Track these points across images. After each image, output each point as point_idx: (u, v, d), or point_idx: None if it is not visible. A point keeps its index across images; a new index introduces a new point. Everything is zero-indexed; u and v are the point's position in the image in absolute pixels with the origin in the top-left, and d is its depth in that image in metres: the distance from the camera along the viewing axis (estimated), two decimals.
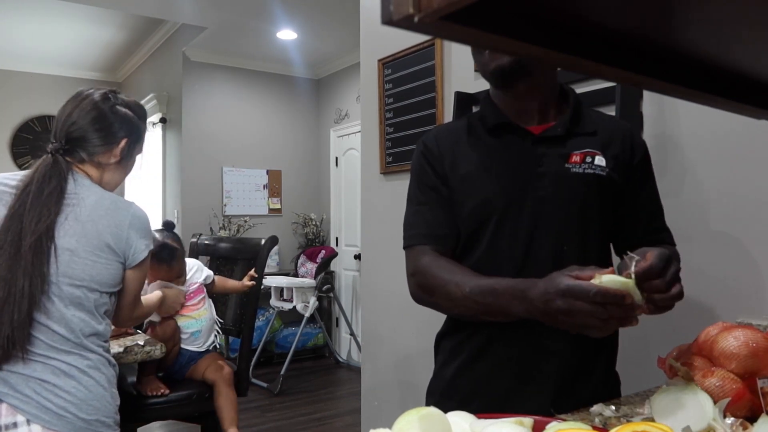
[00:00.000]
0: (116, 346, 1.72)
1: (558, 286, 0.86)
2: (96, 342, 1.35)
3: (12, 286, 1.22)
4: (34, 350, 1.26)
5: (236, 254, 2.62)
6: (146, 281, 1.65)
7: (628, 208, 1.16)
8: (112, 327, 1.49)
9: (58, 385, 1.26)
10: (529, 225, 1.10)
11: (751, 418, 0.83)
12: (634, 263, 0.85)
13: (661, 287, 0.88)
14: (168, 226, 2.20)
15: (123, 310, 1.47)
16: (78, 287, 1.31)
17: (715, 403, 0.82)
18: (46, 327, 1.27)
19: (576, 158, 1.11)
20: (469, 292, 1.01)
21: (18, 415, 1.22)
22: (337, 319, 5.70)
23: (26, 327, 1.24)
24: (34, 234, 1.25)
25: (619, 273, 0.87)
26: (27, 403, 1.23)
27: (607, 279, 0.84)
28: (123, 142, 1.46)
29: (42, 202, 1.29)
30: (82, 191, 1.36)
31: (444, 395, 1.20)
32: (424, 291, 1.12)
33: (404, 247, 1.19)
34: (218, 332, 2.32)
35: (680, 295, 0.91)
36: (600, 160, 1.12)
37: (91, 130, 1.42)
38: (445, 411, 0.82)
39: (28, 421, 1.22)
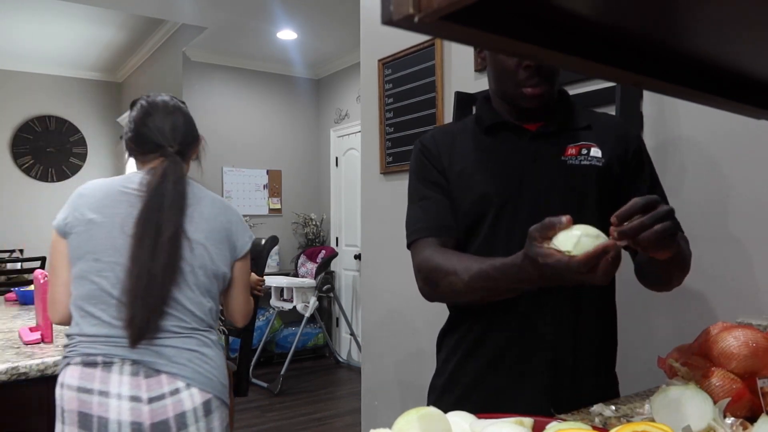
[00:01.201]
0: None
1: (541, 268, 0.83)
2: (216, 323, 1.52)
3: (151, 275, 1.35)
4: (184, 326, 1.40)
5: None
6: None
7: (626, 198, 1.17)
8: None
9: (206, 353, 1.42)
10: (527, 218, 1.10)
11: (751, 418, 0.83)
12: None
13: (645, 223, 0.83)
14: None
15: (239, 304, 1.60)
16: (208, 277, 1.46)
17: (715, 403, 0.82)
18: (189, 311, 1.41)
19: (572, 151, 1.13)
20: (468, 279, 1.01)
21: (177, 381, 1.36)
22: (337, 319, 5.70)
23: (160, 314, 1.37)
24: (171, 228, 1.39)
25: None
26: (184, 370, 1.37)
27: (557, 241, 0.81)
28: (201, 139, 1.62)
29: (176, 200, 1.43)
30: (196, 191, 1.51)
31: (445, 389, 1.21)
32: (428, 285, 1.12)
33: (408, 245, 1.18)
34: (223, 330, 2.32)
35: (669, 234, 0.85)
36: (596, 152, 1.14)
37: (188, 132, 1.57)
38: (447, 404, 0.82)
39: (188, 385, 1.36)
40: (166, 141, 1.51)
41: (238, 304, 1.60)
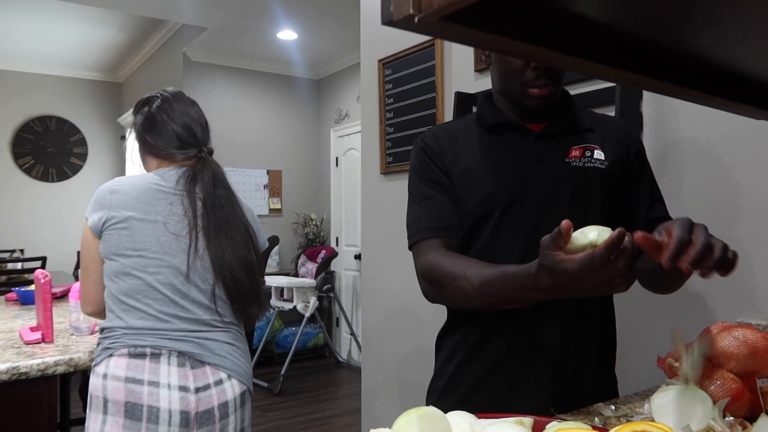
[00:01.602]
0: None
1: (567, 272, 0.77)
2: None
3: (238, 274, 1.45)
4: (224, 320, 1.47)
5: None
6: None
7: (627, 201, 1.17)
8: None
9: (240, 347, 1.50)
10: (531, 219, 1.10)
11: (751, 418, 0.83)
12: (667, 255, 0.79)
13: (704, 254, 0.78)
14: None
15: None
16: None
17: (714, 402, 0.82)
18: (228, 304, 1.50)
19: (576, 152, 1.13)
20: (479, 284, 0.97)
21: (220, 372, 1.43)
22: (337, 319, 5.70)
23: (259, 299, 1.53)
24: (240, 229, 1.49)
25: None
26: (225, 362, 1.45)
27: (582, 235, 0.78)
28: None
29: (232, 201, 1.51)
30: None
31: (446, 390, 1.20)
32: (434, 287, 1.10)
33: (410, 246, 1.16)
34: None
35: (726, 252, 0.81)
36: (599, 154, 1.13)
37: (208, 129, 1.61)
38: (448, 406, 0.81)
39: (229, 377, 1.44)
40: (199, 142, 1.54)
41: None
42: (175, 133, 1.52)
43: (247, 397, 1.50)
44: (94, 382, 1.37)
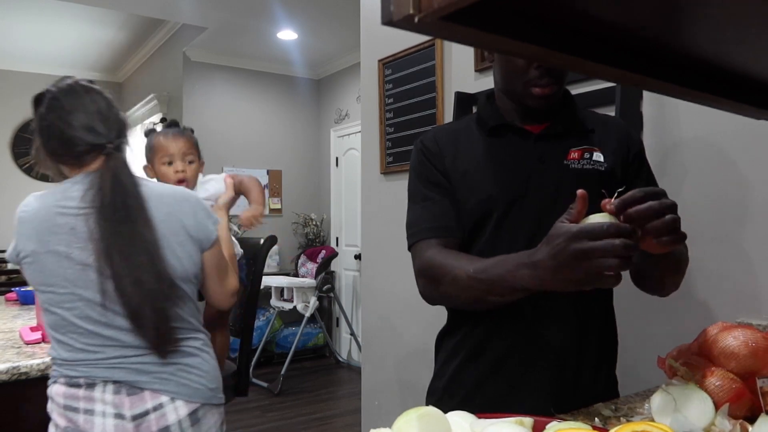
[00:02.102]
0: None
1: (569, 231, 0.80)
2: (200, 324, 1.47)
3: (141, 298, 1.29)
4: None
5: None
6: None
7: None
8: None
9: (190, 364, 1.39)
10: (531, 221, 1.10)
11: (751, 418, 0.83)
12: (611, 201, 0.81)
13: (655, 208, 0.80)
14: (172, 123, 1.98)
15: (218, 294, 1.53)
16: (184, 282, 1.39)
17: (714, 402, 0.82)
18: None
19: (574, 155, 1.13)
20: (473, 271, 0.98)
21: (161, 396, 1.33)
22: (337, 319, 5.70)
23: (168, 322, 1.34)
24: (147, 235, 1.32)
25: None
26: (167, 384, 1.34)
27: (593, 218, 0.80)
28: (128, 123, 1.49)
29: (134, 211, 1.32)
30: (146, 191, 1.37)
31: (447, 392, 1.19)
32: (432, 283, 1.09)
33: (409, 247, 1.16)
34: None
35: (678, 228, 0.83)
36: (598, 156, 1.13)
37: (118, 117, 1.41)
38: (448, 407, 0.81)
39: (173, 399, 1.34)
40: (101, 137, 1.34)
41: (217, 294, 1.53)
42: (73, 136, 1.32)
43: (201, 414, 1.39)
44: (48, 402, 1.36)
